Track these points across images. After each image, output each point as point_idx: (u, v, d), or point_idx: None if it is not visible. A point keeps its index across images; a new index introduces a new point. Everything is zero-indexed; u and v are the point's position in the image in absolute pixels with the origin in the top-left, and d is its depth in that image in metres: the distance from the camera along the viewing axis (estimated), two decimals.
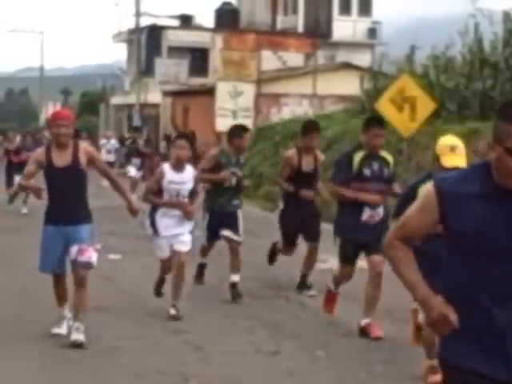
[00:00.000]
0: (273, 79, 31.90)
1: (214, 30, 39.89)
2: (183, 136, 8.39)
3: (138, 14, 38.35)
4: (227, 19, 41.22)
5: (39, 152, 7.01)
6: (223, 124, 30.33)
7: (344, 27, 40.75)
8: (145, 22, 40.51)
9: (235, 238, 8.84)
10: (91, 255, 6.78)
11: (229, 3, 43.90)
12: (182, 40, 39.98)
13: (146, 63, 39.92)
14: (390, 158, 7.63)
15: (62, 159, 6.81)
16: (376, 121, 7.63)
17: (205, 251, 9.50)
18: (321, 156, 9.41)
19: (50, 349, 6.63)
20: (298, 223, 9.15)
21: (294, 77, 32.16)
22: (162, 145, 33.62)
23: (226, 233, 8.86)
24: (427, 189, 3.15)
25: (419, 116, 15.74)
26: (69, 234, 6.79)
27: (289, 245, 9.43)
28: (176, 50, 39.83)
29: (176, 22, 43.22)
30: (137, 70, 39.04)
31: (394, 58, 22.65)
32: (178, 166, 7.89)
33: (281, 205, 9.48)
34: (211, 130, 30.22)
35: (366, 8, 41.85)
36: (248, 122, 29.58)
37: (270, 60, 34.15)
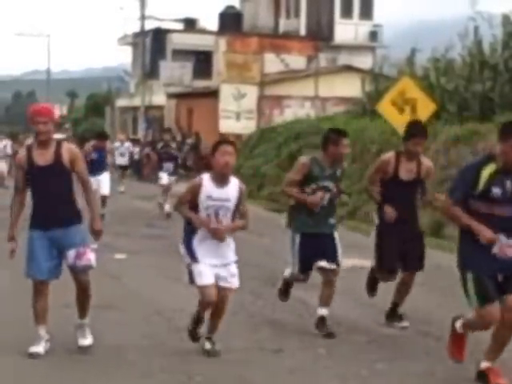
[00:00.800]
0: (275, 81, 32.05)
1: (218, 33, 39.97)
2: (228, 141, 6.67)
3: (142, 18, 38.48)
4: (231, 22, 41.28)
5: (20, 154, 6.52)
6: (227, 125, 30.56)
7: (345, 30, 40.76)
8: (149, 25, 40.68)
9: (333, 267, 7.39)
10: (90, 257, 6.43)
11: (232, 7, 44.01)
12: (186, 43, 40.08)
13: (151, 66, 40.06)
14: None
15: (43, 158, 6.34)
16: None
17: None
18: (427, 164, 7.63)
19: (56, 347, 6.57)
20: (398, 245, 7.47)
21: (296, 79, 32.29)
22: None
23: (322, 263, 7.35)
24: None
25: (420, 117, 15.88)
26: (60, 238, 6.36)
27: (388, 270, 7.65)
28: (180, 53, 39.95)
29: (180, 26, 43.31)
30: (142, 73, 39.18)
31: (395, 60, 22.73)
32: (222, 179, 6.32)
33: (376, 219, 7.76)
34: (215, 132, 30.42)
35: (367, 11, 41.86)
36: (251, 124, 29.88)
37: (272, 62, 34.29)
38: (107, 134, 17.35)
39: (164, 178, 17.72)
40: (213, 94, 31.87)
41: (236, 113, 30.36)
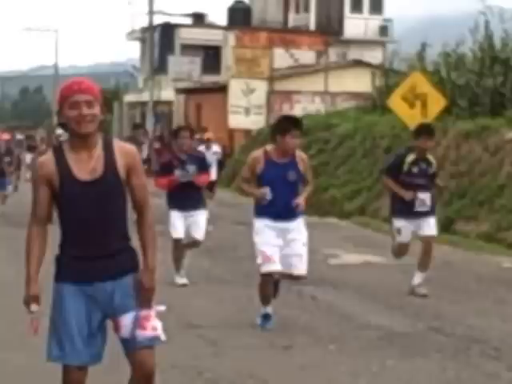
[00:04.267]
0: (285, 76, 32.02)
1: (227, 28, 39.99)
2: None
3: (151, 13, 38.44)
4: (239, 17, 41.33)
5: (45, 161, 3.93)
6: (236, 121, 30.53)
7: (355, 25, 40.76)
8: (158, 20, 40.67)
9: None
10: (156, 325, 4.06)
11: (241, 1, 43.99)
12: (195, 38, 40.16)
13: (159, 61, 40.08)
14: None
15: (86, 166, 3.88)
16: None
17: None
18: None
19: None
20: None
21: (305, 74, 32.28)
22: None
23: None
24: None
25: (430, 112, 15.83)
26: (108, 295, 3.97)
27: None
28: (189, 48, 40.02)
29: (189, 20, 43.39)
30: (150, 68, 39.19)
31: (405, 55, 22.71)
32: None
33: None
34: (224, 127, 30.41)
35: (377, 6, 41.85)
36: (260, 119, 29.83)
37: (282, 57, 34.24)
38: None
39: None
40: (222, 89, 31.86)
41: (245, 108, 30.30)
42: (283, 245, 7.10)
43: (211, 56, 40.02)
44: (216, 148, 17.00)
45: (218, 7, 59.50)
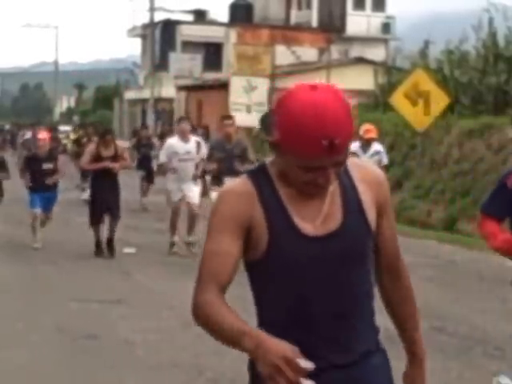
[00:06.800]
0: (287, 74, 31.95)
1: (228, 25, 39.92)
2: None
3: (152, 9, 38.41)
4: (241, 14, 41.29)
5: (238, 194, 2.26)
6: (237, 118, 30.31)
7: (358, 22, 40.70)
8: (159, 16, 40.73)
9: None
10: None
11: None
12: (196, 35, 40.12)
13: (160, 58, 40.05)
14: None
15: (315, 212, 2.26)
16: None
17: None
18: None
19: (66, 341, 6.60)
20: None
21: (308, 71, 32.17)
22: None
23: None
24: None
25: (433, 110, 15.77)
26: None
27: None
28: (190, 45, 39.97)
29: (190, 17, 43.38)
30: (151, 65, 39.15)
31: (408, 52, 22.69)
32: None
33: None
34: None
35: (379, 3, 41.81)
36: None
37: (283, 55, 34.18)
38: None
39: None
40: (223, 87, 31.78)
41: (246, 105, 30.22)
42: None
43: (212, 53, 39.95)
44: (378, 146, 12.14)
45: (220, 4, 59.32)
